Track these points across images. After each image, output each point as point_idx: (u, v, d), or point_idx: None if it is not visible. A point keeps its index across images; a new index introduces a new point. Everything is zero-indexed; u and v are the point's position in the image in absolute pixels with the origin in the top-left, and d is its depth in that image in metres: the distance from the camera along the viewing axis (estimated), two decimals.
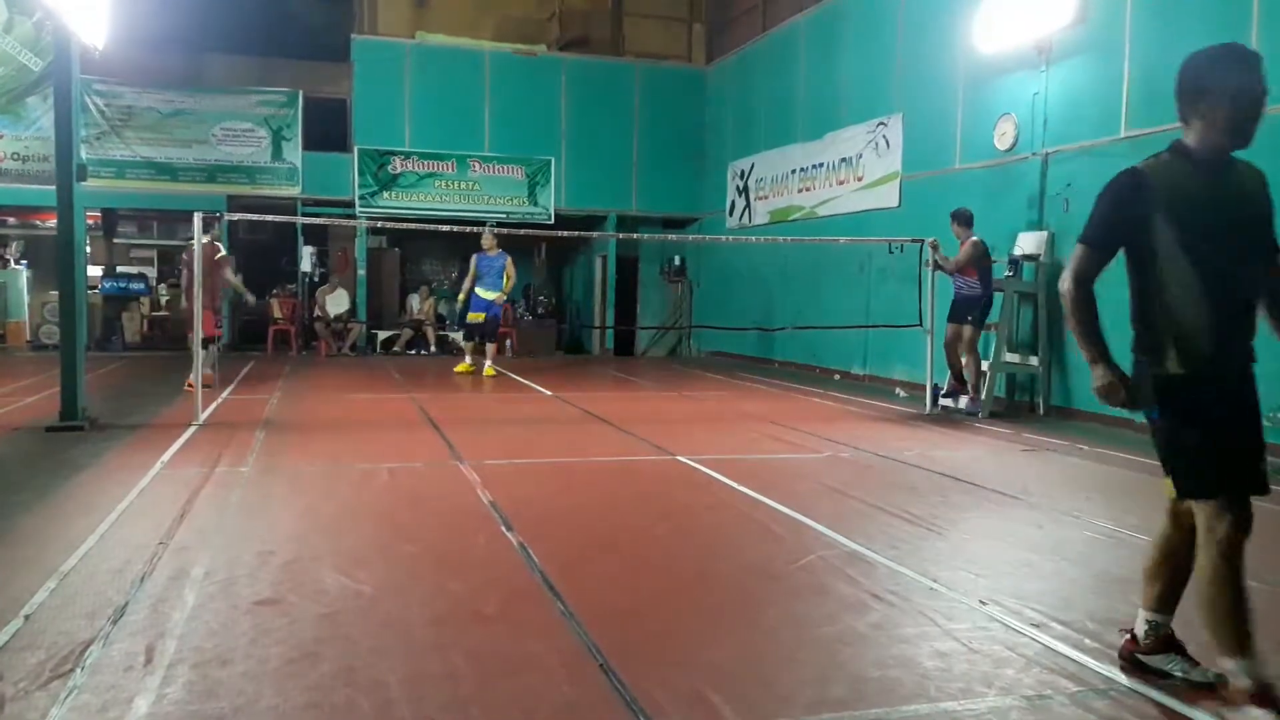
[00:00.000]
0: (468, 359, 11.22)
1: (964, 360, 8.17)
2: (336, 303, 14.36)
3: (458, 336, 15.20)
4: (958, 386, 8.24)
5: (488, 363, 10.93)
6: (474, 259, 10.83)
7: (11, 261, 14.87)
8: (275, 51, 15.22)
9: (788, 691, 2.45)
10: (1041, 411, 8.18)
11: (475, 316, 10.91)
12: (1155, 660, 2.59)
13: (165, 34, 14.00)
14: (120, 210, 15.52)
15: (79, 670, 2.46)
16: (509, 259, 10.91)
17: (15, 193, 13.35)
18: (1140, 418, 2.67)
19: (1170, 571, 2.59)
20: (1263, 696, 2.27)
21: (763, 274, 13.31)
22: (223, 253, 9.56)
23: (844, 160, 11.52)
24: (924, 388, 8.68)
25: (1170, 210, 2.40)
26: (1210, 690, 2.48)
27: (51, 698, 2.30)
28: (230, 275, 9.74)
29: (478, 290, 10.78)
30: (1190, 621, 2.56)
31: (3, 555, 3.56)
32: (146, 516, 4.12)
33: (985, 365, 8.14)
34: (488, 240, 10.70)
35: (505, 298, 11.04)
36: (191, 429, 6.53)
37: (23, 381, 9.43)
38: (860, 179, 11.21)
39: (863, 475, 5.46)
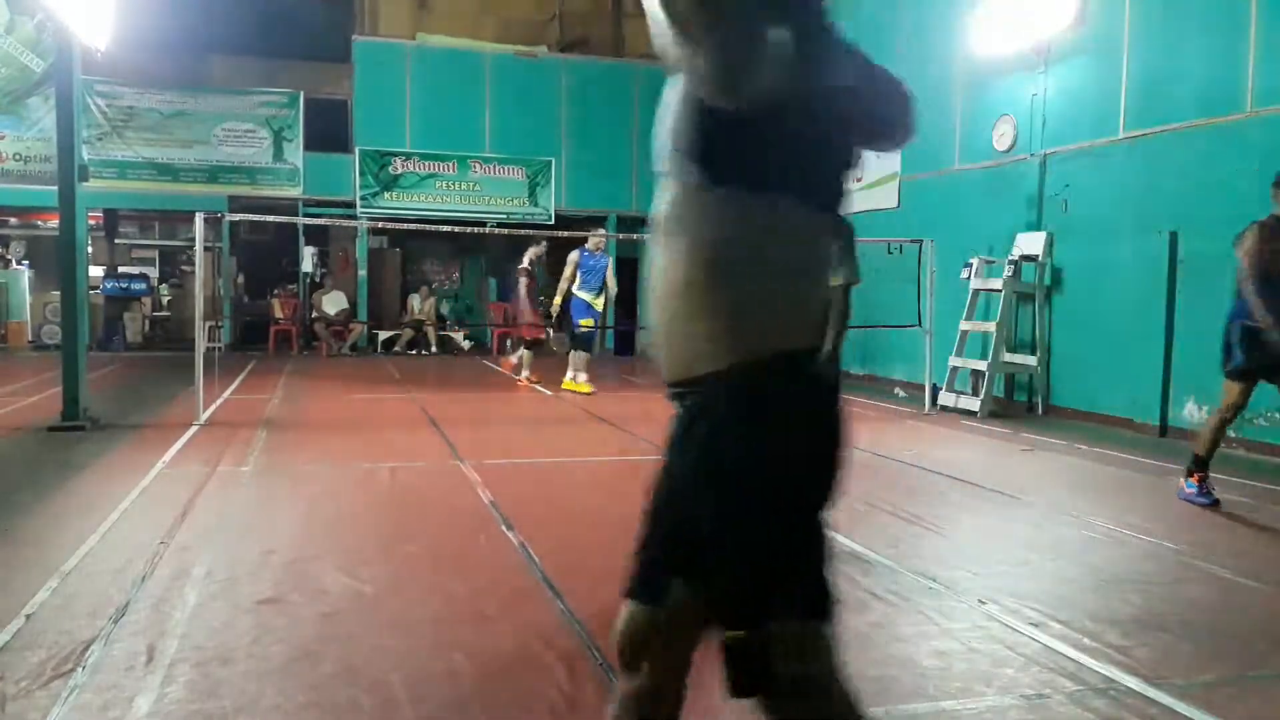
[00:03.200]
0: (583, 376, 9.51)
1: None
2: (333, 303, 14.39)
3: (458, 336, 15.27)
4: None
5: (571, 374, 9.55)
6: (578, 257, 9.52)
7: (13, 262, 14.89)
8: (276, 53, 15.23)
9: None
10: (1040, 411, 8.19)
11: (588, 323, 9.56)
12: None
13: (167, 35, 14.02)
14: (122, 211, 15.53)
15: (80, 669, 2.47)
16: (610, 260, 9.82)
17: (17, 193, 13.36)
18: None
19: None
20: None
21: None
22: (524, 264, 9.83)
23: None
24: (923, 388, 8.69)
25: None
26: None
27: (53, 697, 2.31)
28: (523, 291, 9.83)
29: (583, 294, 9.45)
30: None
31: (4, 554, 3.57)
32: (148, 516, 4.13)
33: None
34: (596, 241, 9.61)
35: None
36: (193, 429, 6.54)
37: (24, 381, 9.44)
38: (859, 180, 11.21)
39: (861, 475, 5.46)
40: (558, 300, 9.70)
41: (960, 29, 9.10)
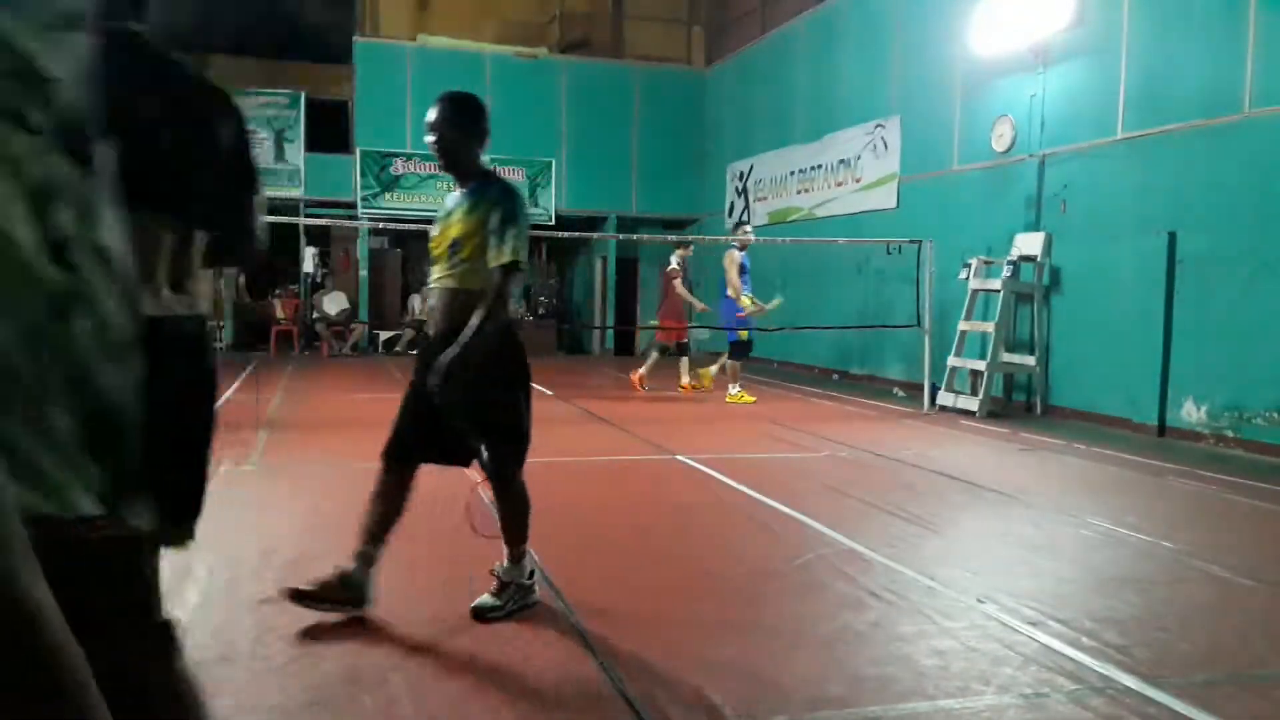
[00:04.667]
0: (736, 387, 8.88)
1: None
2: (334, 303, 14.40)
3: None
4: None
5: (736, 388, 8.92)
6: (741, 258, 8.81)
7: None
8: (277, 53, 15.23)
9: (786, 689, 2.46)
10: (1038, 411, 8.19)
11: (745, 334, 9.04)
12: None
13: (167, 36, 14.01)
14: None
15: None
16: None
17: None
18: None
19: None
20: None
21: (761, 274, 13.28)
22: (673, 265, 9.40)
23: (842, 162, 11.53)
24: (921, 387, 8.70)
25: None
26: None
27: None
28: (679, 286, 9.36)
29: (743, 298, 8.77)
30: None
31: None
32: None
33: None
34: (745, 238, 9.04)
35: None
36: None
37: None
38: (859, 180, 11.22)
39: (861, 474, 5.47)
40: (747, 302, 8.84)
41: (959, 29, 9.11)
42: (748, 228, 9.54)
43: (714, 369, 9.54)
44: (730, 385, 8.96)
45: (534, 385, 10.02)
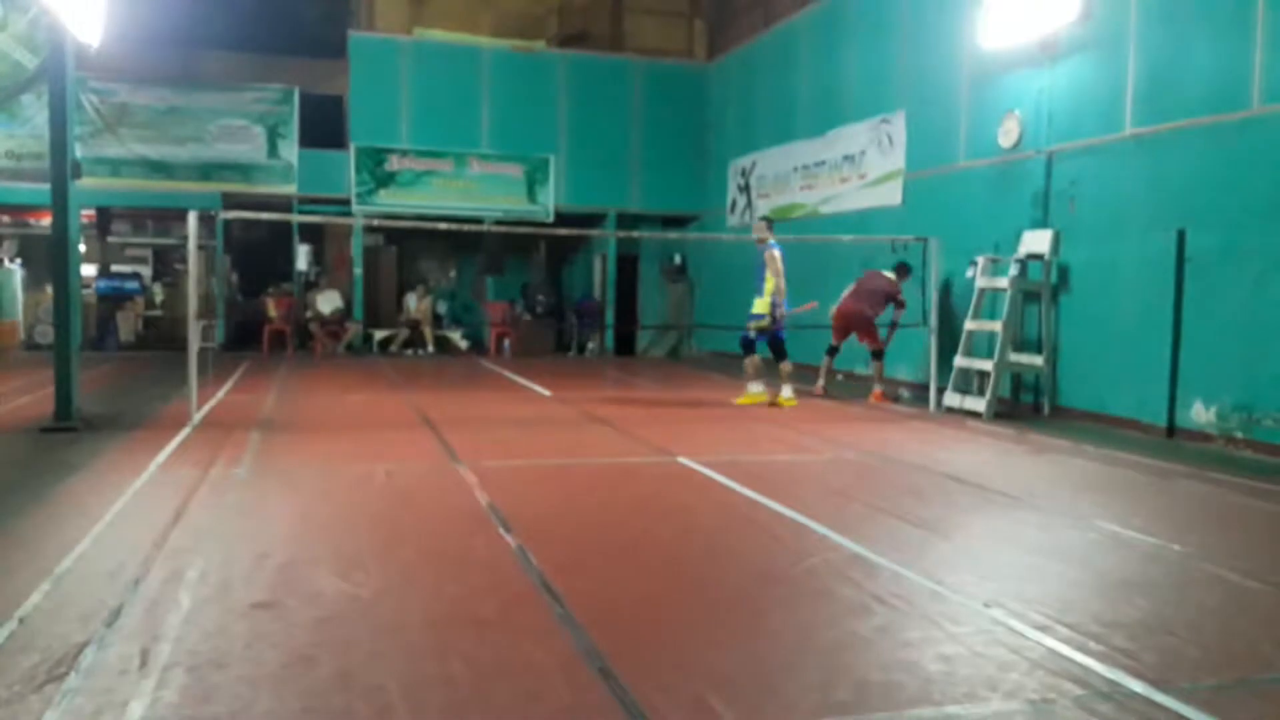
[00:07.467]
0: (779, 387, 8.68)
1: None
2: (328, 302, 14.33)
3: (455, 336, 15.20)
4: None
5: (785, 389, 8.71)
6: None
7: (5, 261, 14.80)
8: (271, 48, 15.15)
9: (790, 696, 2.42)
10: (1046, 412, 8.12)
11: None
12: None
13: (160, 31, 13.94)
14: (115, 209, 15.44)
15: (73, 673, 2.44)
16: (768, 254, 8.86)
17: (9, 191, 13.29)
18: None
19: None
20: None
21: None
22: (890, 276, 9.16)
23: (847, 158, 11.46)
24: (927, 388, 8.65)
25: None
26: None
27: (46, 701, 2.28)
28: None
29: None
30: None
31: None
32: (141, 518, 4.08)
33: None
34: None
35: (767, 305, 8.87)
36: (186, 430, 6.48)
37: (16, 382, 9.38)
38: (863, 177, 11.15)
39: (866, 477, 5.43)
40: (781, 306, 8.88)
41: (966, 23, 9.04)
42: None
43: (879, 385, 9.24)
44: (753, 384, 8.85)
45: (531, 386, 9.99)
